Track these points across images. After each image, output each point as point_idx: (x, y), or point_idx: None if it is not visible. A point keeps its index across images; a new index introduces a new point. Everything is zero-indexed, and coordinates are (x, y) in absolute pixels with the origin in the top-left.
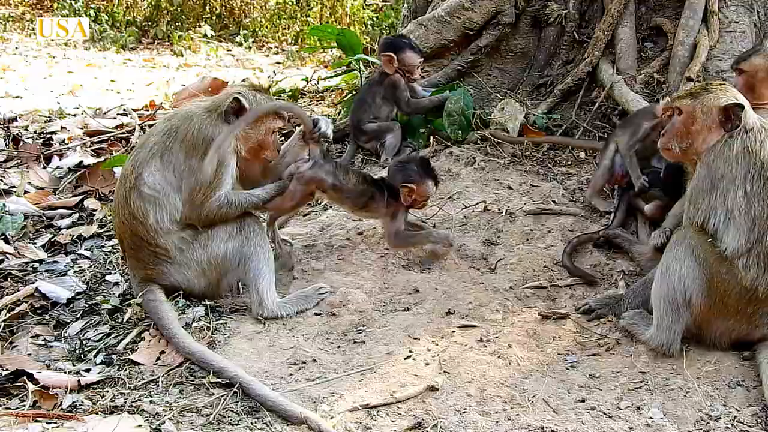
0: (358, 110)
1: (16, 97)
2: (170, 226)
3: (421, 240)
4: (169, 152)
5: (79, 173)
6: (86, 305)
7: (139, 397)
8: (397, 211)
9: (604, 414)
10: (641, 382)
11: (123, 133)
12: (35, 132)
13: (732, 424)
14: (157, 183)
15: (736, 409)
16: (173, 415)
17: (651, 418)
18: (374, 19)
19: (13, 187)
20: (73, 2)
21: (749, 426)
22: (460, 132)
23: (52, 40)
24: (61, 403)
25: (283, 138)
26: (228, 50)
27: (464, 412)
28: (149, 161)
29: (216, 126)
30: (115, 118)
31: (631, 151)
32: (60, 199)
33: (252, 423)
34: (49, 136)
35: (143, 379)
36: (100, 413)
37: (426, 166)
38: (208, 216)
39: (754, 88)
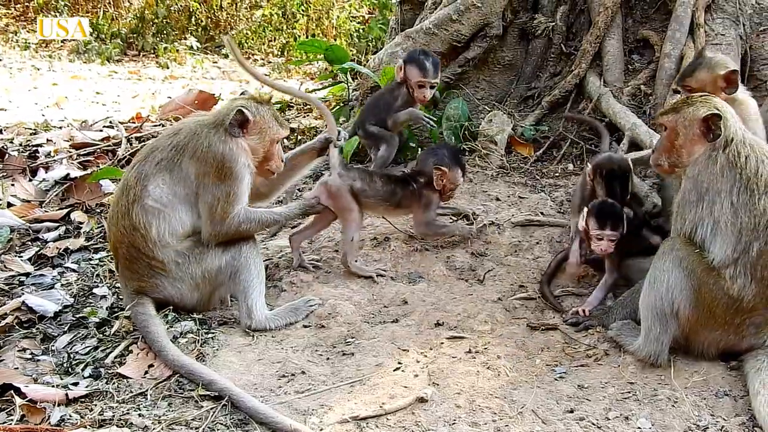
0: (367, 109)
1: (1, 109)
2: (170, 239)
3: (450, 230)
4: (178, 167)
5: (65, 186)
6: (74, 318)
7: (128, 410)
8: (430, 201)
9: (593, 424)
10: (629, 392)
11: (109, 145)
12: (21, 145)
13: None
14: (163, 196)
15: (724, 419)
16: (162, 429)
17: (639, 428)
18: (360, 31)
19: None
20: (57, 14)
21: None
22: (453, 138)
23: (46, 44)
24: (49, 417)
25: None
26: (214, 62)
27: (454, 424)
28: (156, 175)
29: (225, 142)
30: (101, 131)
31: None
32: (46, 212)
33: None
34: (34, 148)
35: (132, 392)
36: (88, 427)
37: (457, 155)
38: (228, 232)
39: None
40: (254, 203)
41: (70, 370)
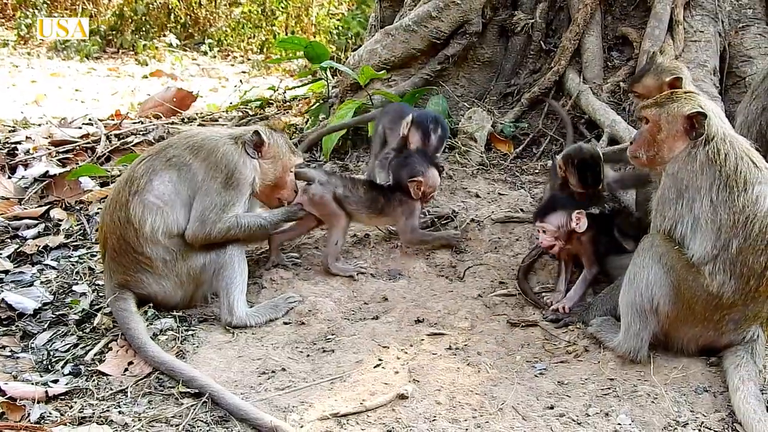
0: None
1: None
2: (161, 238)
3: (435, 238)
4: (187, 168)
5: (44, 183)
6: (53, 316)
7: (108, 407)
8: (412, 209)
9: (573, 420)
10: (609, 388)
11: (89, 142)
12: None
13: (699, 430)
14: (166, 193)
15: (703, 415)
16: (142, 426)
17: (619, 424)
18: (339, 28)
19: None
20: (36, 11)
21: (716, 431)
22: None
23: (24, 41)
24: (29, 414)
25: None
26: (193, 59)
27: (434, 420)
28: (164, 171)
29: (240, 155)
30: (80, 128)
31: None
32: (25, 209)
33: None
34: (13, 146)
35: (111, 389)
36: (68, 424)
37: (425, 157)
38: (216, 236)
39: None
40: None
41: (49, 367)
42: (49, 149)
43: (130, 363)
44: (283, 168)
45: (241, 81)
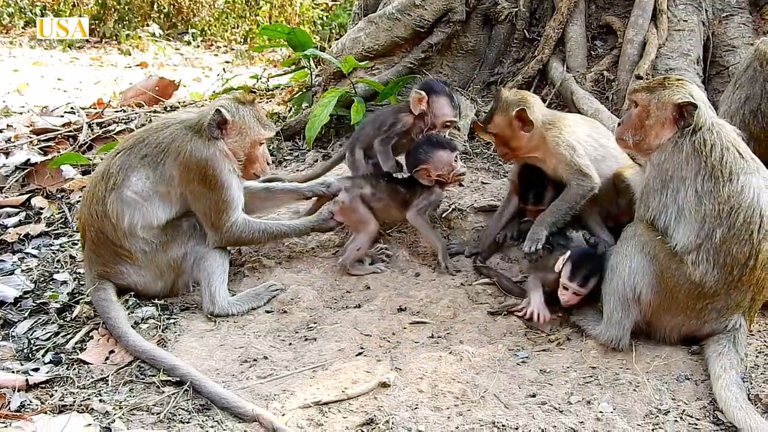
0: (359, 130)
1: None
2: (140, 231)
3: (432, 237)
4: (162, 167)
5: (26, 171)
6: (34, 304)
7: (89, 396)
8: (432, 193)
9: (555, 408)
10: (591, 376)
11: (70, 131)
12: None
13: (680, 418)
14: (145, 190)
15: (685, 403)
16: (123, 414)
17: (601, 412)
18: (324, 18)
19: None
20: (18, 0)
21: (697, 419)
22: None
23: (6, 30)
24: (9, 402)
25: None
26: (176, 49)
27: (416, 408)
28: (140, 168)
29: (207, 147)
30: (62, 117)
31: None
32: (6, 197)
33: (203, 421)
34: None
35: (92, 378)
36: (49, 413)
37: (430, 141)
38: (229, 240)
39: (509, 144)
40: None
41: (30, 355)
42: (30, 138)
43: (111, 351)
44: (252, 143)
45: (224, 70)
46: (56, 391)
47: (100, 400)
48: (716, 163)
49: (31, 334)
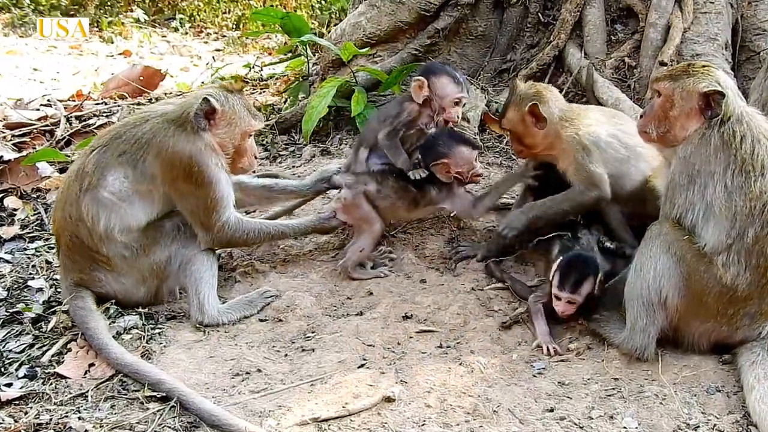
0: (367, 130)
1: None
2: (117, 235)
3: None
4: (142, 165)
5: None
6: (7, 313)
7: (67, 413)
8: (452, 191)
9: (575, 424)
10: (614, 389)
11: (47, 125)
12: None
13: None
14: (123, 190)
15: (716, 417)
16: None
17: (625, 427)
18: (322, 1)
19: None
20: None
21: None
22: None
23: None
24: None
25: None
26: (163, 36)
27: (423, 425)
28: (118, 167)
29: (191, 142)
30: (38, 110)
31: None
32: None
33: None
34: None
35: (71, 393)
36: (23, 431)
37: (452, 135)
38: (221, 241)
39: (523, 141)
40: None
41: (3, 369)
42: (3, 132)
43: (91, 365)
44: (242, 135)
45: (214, 58)
46: (31, 408)
47: (79, 418)
48: (747, 157)
49: (3, 346)
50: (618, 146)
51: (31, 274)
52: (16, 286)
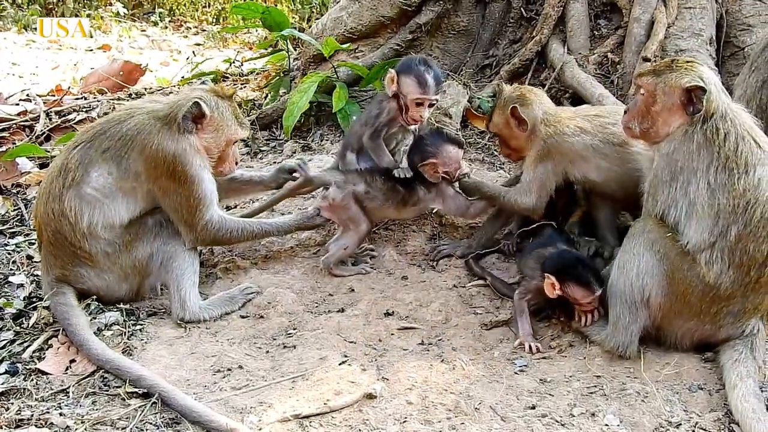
0: (351, 131)
1: None
2: (101, 232)
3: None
4: (126, 162)
5: None
6: None
7: (48, 409)
8: (443, 191)
9: (556, 422)
10: (596, 386)
11: (26, 120)
12: None
13: (693, 431)
14: (106, 186)
15: (698, 415)
16: (85, 428)
17: (606, 425)
18: None
19: None
20: None
21: None
22: None
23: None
24: None
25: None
26: (142, 30)
27: (405, 422)
28: (102, 163)
29: (177, 141)
30: (17, 104)
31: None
32: None
33: None
34: None
35: (52, 389)
36: (4, 427)
37: (439, 135)
38: (205, 239)
39: (509, 144)
40: None
41: None
42: None
43: (72, 361)
44: (227, 141)
45: (194, 53)
46: (12, 403)
47: (60, 414)
48: (730, 154)
49: None
50: (602, 149)
51: (11, 269)
52: None
